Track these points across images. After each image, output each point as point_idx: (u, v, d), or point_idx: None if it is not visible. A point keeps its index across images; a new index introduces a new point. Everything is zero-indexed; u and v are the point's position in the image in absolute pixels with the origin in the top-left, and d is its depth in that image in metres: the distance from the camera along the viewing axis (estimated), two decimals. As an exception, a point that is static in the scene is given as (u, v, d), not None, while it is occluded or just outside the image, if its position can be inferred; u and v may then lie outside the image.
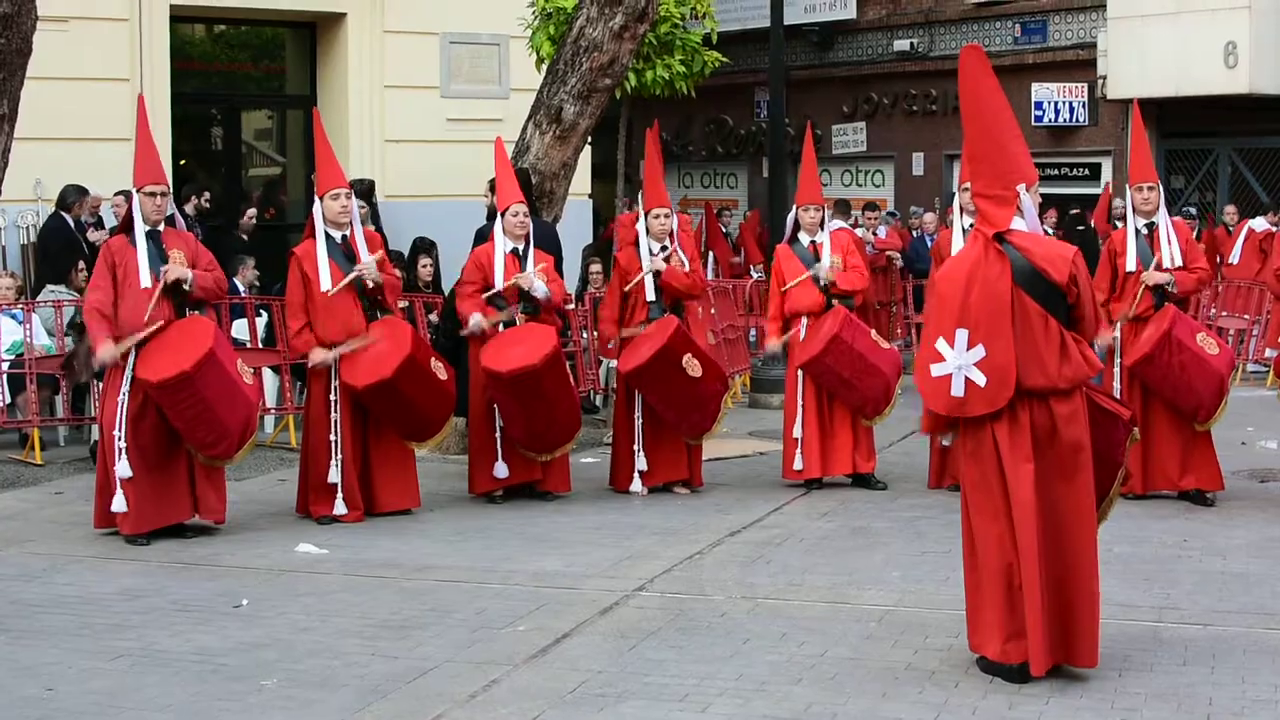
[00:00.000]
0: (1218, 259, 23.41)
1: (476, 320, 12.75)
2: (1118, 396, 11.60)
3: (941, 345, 7.92)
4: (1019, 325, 7.79)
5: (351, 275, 12.11)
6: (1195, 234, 24.23)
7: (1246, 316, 21.29)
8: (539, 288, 12.84)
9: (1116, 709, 7.59)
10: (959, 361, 7.86)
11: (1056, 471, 7.88)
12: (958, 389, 7.87)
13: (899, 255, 23.02)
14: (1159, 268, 12.53)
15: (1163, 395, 12.49)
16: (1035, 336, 7.80)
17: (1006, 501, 7.87)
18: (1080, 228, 24.88)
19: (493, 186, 13.82)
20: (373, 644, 8.74)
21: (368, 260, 12.19)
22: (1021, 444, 7.83)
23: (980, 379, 7.81)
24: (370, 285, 12.21)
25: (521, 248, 12.92)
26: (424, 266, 18.01)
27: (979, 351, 7.81)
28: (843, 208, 22.72)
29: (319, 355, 12.08)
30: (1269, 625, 9.06)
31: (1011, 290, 7.81)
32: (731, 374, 18.65)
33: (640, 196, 15.80)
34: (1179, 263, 12.57)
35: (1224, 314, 21.64)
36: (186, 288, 11.48)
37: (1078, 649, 8.00)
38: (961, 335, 7.84)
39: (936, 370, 7.95)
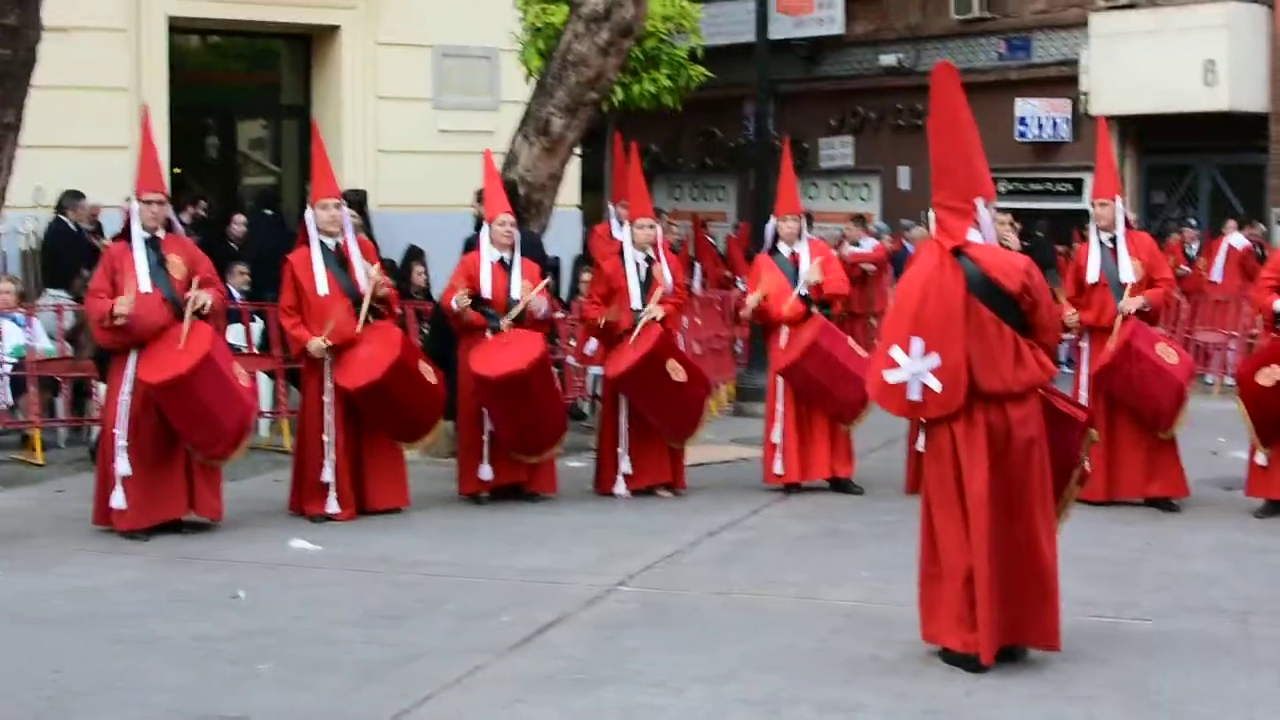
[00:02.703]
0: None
1: (458, 297, 13.12)
2: (1078, 400, 11.97)
3: (896, 352, 8.32)
4: (974, 333, 8.20)
5: (368, 295, 12.54)
6: (1196, 249, 24.72)
7: (1224, 331, 21.68)
8: (542, 309, 13.28)
9: (1069, 697, 7.97)
10: (915, 368, 8.26)
11: (1013, 470, 8.27)
12: (914, 394, 8.28)
13: (873, 267, 23.32)
14: (1126, 290, 12.94)
15: (1125, 403, 12.89)
16: (990, 343, 8.20)
17: (964, 499, 8.28)
18: (1028, 241, 25.30)
19: (480, 197, 14.23)
20: (364, 632, 9.14)
21: (374, 275, 12.62)
22: (977, 443, 8.23)
23: (936, 385, 8.22)
24: (383, 294, 12.68)
25: (508, 257, 13.33)
26: (418, 274, 18.37)
27: (934, 359, 8.21)
28: (860, 222, 23.27)
29: (316, 344, 12.47)
30: (1221, 622, 9.45)
31: (965, 299, 8.22)
32: (716, 383, 19.04)
33: (612, 207, 16.19)
34: (1136, 277, 12.97)
35: (1202, 328, 22.04)
36: (205, 312, 11.89)
37: (1041, 633, 8.40)
38: (917, 343, 8.25)
39: (891, 377, 8.35)
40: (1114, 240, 13.12)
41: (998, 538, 8.24)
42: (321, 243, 12.63)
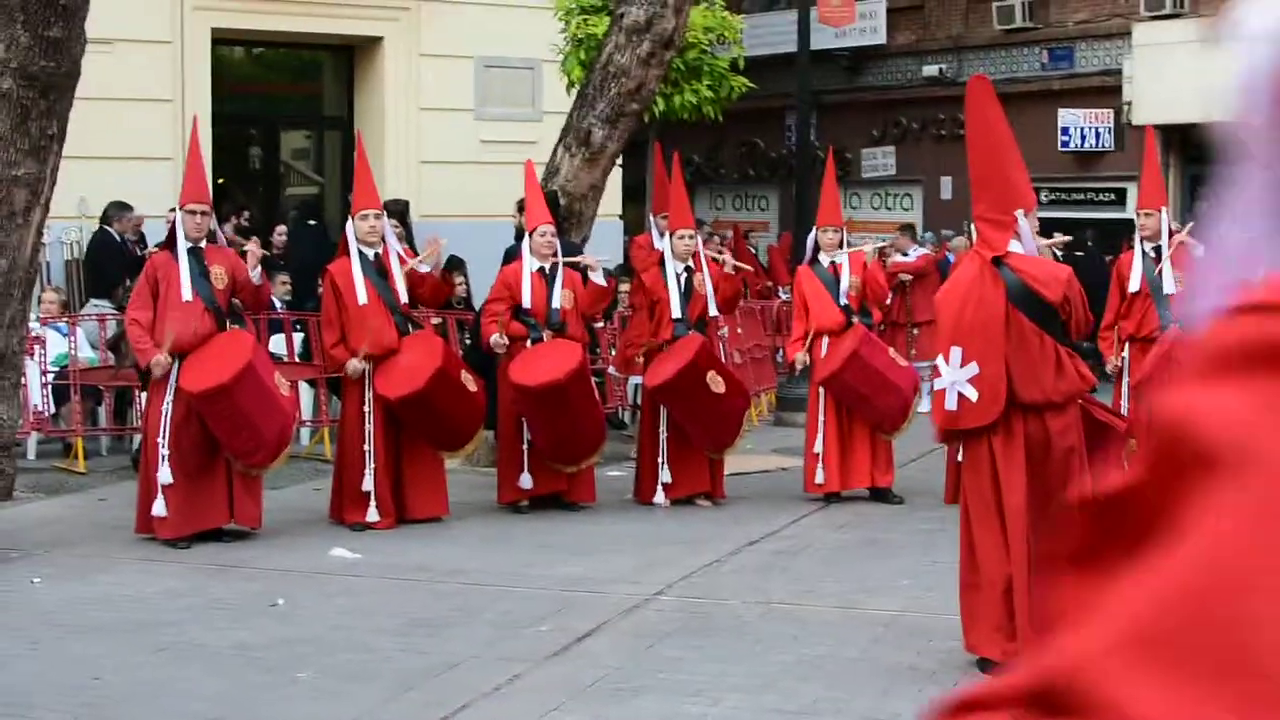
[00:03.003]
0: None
1: (495, 339, 13.20)
2: (1120, 412, 11.95)
3: (940, 362, 8.36)
4: (1015, 343, 8.20)
5: (410, 266, 12.68)
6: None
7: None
8: (599, 274, 13.34)
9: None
10: (953, 377, 8.28)
11: (1052, 480, 8.26)
12: (951, 403, 8.29)
13: (910, 277, 23.27)
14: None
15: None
16: (1031, 353, 8.20)
17: (1002, 510, 8.27)
18: (1080, 251, 25.31)
19: (521, 207, 14.28)
20: (403, 640, 9.17)
21: (414, 262, 12.78)
22: (1015, 455, 8.23)
23: (972, 394, 8.23)
24: (427, 270, 12.79)
25: (549, 267, 13.36)
26: (459, 284, 18.42)
27: (972, 368, 8.22)
28: (909, 231, 23.28)
29: (354, 365, 12.55)
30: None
31: (1006, 309, 8.22)
32: (756, 392, 19.05)
33: (652, 218, 16.21)
34: (1179, 288, 12.93)
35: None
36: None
37: None
38: (956, 352, 8.27)
39: (936, 385, 8.39)
40: (1158, 250, 13.09)
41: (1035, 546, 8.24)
42: (361, 253, 12.70)
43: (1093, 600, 1.47)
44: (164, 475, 11.70)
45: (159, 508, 11.73)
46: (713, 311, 13.92)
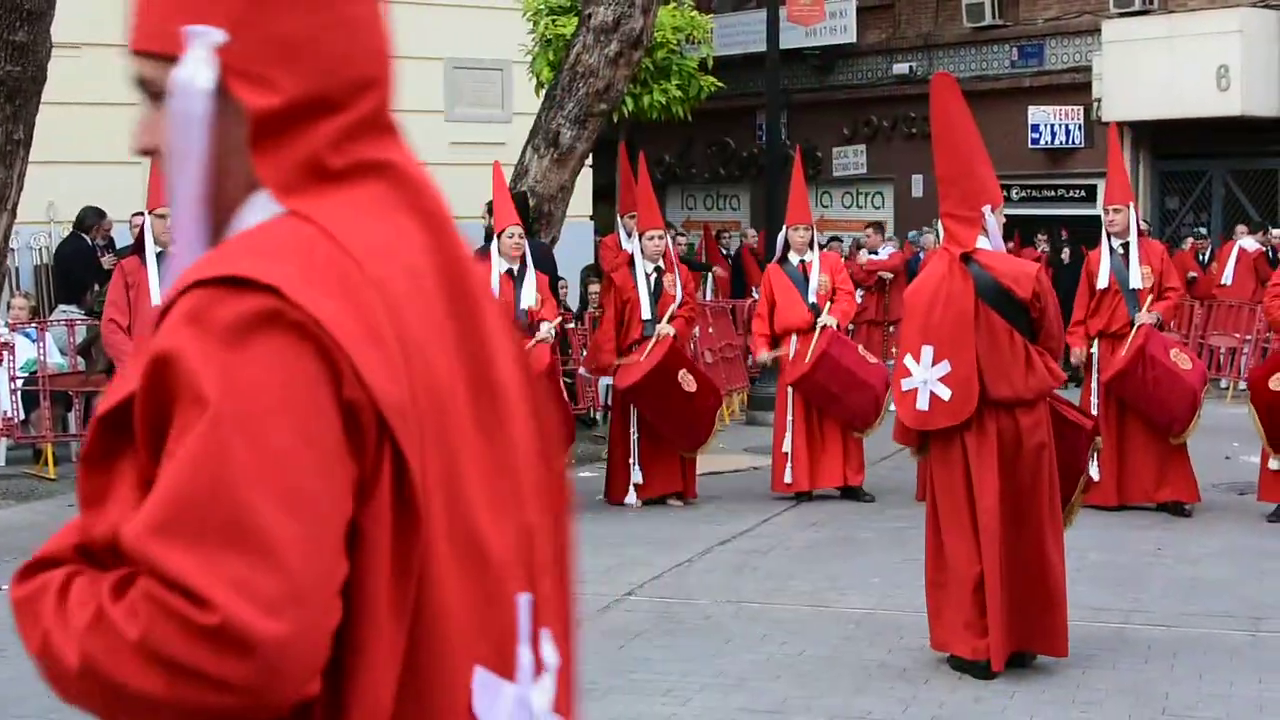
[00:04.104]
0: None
1: None
2: (1088, 410, 11.97)
3: (909, 361, 8.36)
4: (985, 340, 8.21)
5: None
6: (1208, 254, 24.75)
7: (1237, 335, 21.68)
8: (550, 335, 13.32)
9: (1077, 703, 7.99)
10: (924, 376, 8.29)
11: (1022, 477, 8.28)
12: (923, 403, 8.30)
13: (891, 275, 23.34)
14: (1138, 297, 12.96)
15: (1138, 410, 12.89)
16: (1002, 351, 8.22)
17: (973, 507, 8.28)
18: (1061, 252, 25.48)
19: (490, 208, 14.27)
20: (372, 644, 9.13)
21: None
22: (988, 453, 8.24)
23: (945, 393, 8.24)
24: None
25: (517, 269, 13.35)
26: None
27: (944, 367, 8.24)
28: (878, 228, 23.32)
29: None
30: (1230, 627, 9.46)
31: (975, 306, 8.23)
32: (728, 391, 19.05)
33: (620, 219, 16.21)
34: (1146, 284, 12.97)
35: (1215, 332, 22.05)
36: None
37: (1050, 641, 8.40)
38: (927, 351, 8.28)
39: (905, 385, 8.40)
40: (1125, 247, 13.12)
41: (1006, 545, 8.25)
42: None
43: (111, 493, 2.18)
44: (133, 481, 11.64)
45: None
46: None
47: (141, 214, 12.69)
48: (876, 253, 23.32)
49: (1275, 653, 8.90)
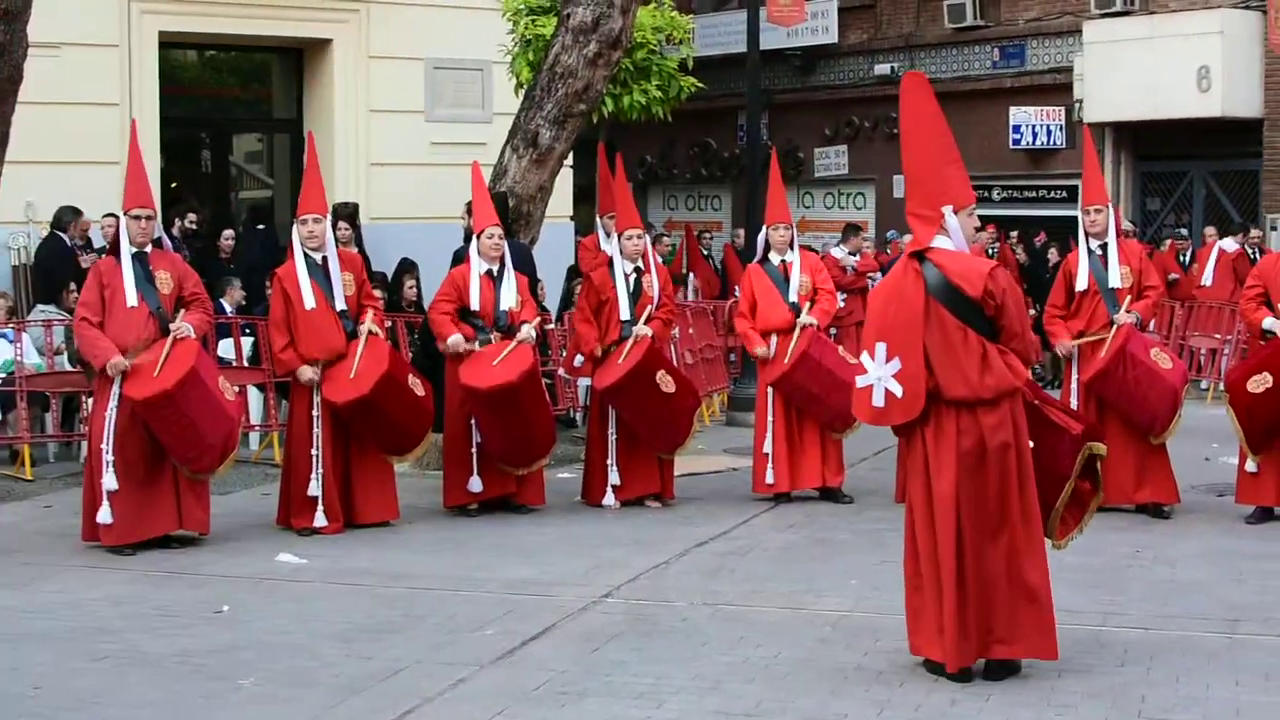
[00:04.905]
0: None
1: (455, 340, 13.12)
2: (1074, 410, 11.94)
3: (865, 358, 8.36)
4: (937, 338, 8.18)
5: (363, 338, 12.57)
6: (1189, 255, 24.76)
7: (1218, 336, 21.69)
8: (532, 336, 13.26)
9: (1053, 705, 7.96)
10: (879, 373, 8.28)
11: (989, 478, 8.22)
12: (878, 399, 8.29)
13: (879, 276, 23.27)
14: (1121, 305, 12.95)
15: (1118, 410, 12.87)
16: (955, 349, 8.18)
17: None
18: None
19: (469, 209, 14.23)
20: (348, 646, 9.11)
21: (371, 327, 12.63)
22: (946, 452, 8.20)
23: (898, 390, 8.22)
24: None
25: (496, 269, 13.32)
26: (409, 287, 18.36)
27: (896, 364, 8.22)
28: (852, 230, 23.28)
29: (307, 373, 12.50)
30: (1208, 629, 9.43)
31: (925, 304, 8.21)
32: (709, 392, 19.05)
33: (599, 219, 16.18)
34: (1125, 284, 12.97)
35: (1195, 333, 22.06)
36: (195, 336, 11.95)
37: (1036, 644, 8.36)
38: (881, 348, 8.28)
39: (860, 381, 8.39)
40: (1104, 247, 13.11)
41: (976, 546, 8.21)
42: (307, 256, 12.64)
43: None
44: (108, 482, 11.62)
45: (104, 515, 11.65)
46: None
47: (115, 215, 12.60)
48: (858, 254, 23.24)
49: (1252, 655, 8.88)
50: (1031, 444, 8.40)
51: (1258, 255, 22.97)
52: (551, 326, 17.98)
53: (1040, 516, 8.45)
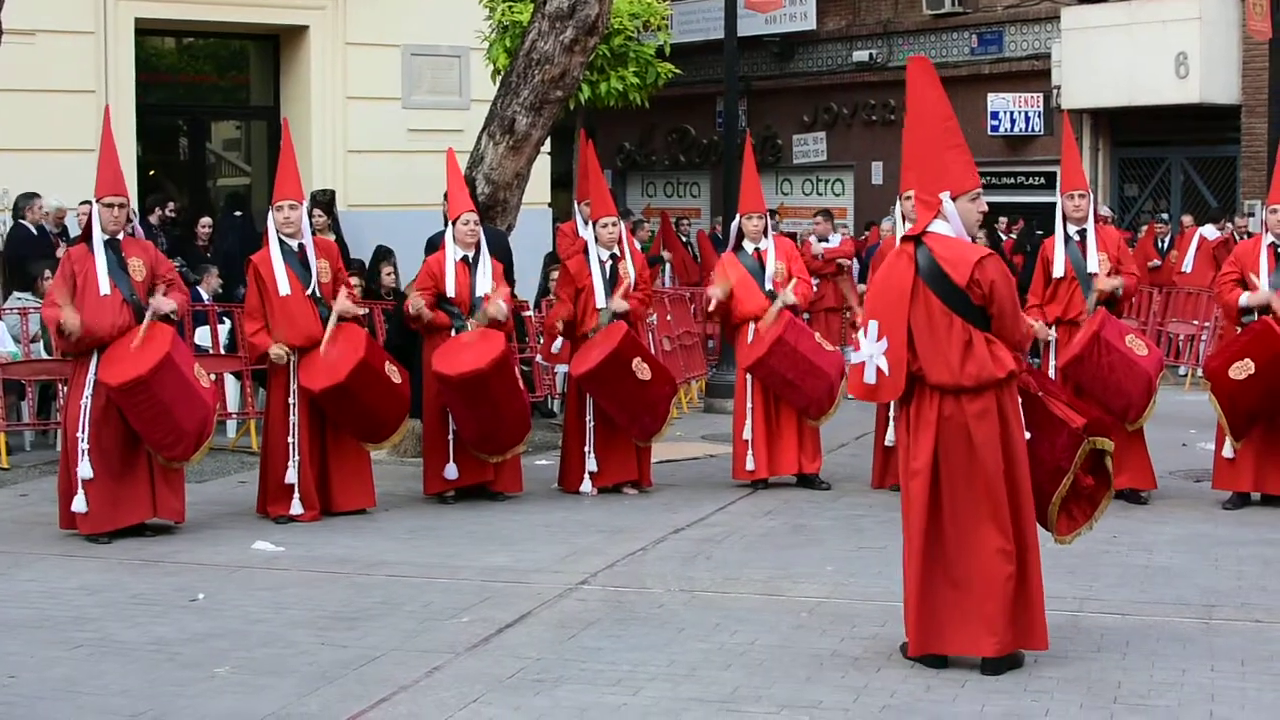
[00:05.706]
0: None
1: (413, 299, 13.08)
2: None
3: (860, 334, 8.41)
4: (924, 322, 8.21)
5: (334, 319, 12.52)
6: (1168, 241, 24.80)
7: (1196, 322, 21.72)
8: (502, 311, 13.22)
9: (1029, 691, 7.96)
10: (870, 350, 8.31)
11: (971, 467, 8.22)
12: (870, 376, 8.33)
13: (848, 262, 23.27)
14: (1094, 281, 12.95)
15: (1094, 395, 12.86)
16: (938, 333, 8.19)
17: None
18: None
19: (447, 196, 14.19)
20: (323, 634, 9.09)
21: (346, 305, 12.61)
22: (925, 437, 8.24)
23: (887, 368, 8.25)
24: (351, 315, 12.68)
25: (472, 255, 13.29)
26: (387, 274, 18.32)
27: (885, 342, 8.25)
28: (826, 216, 23.27)
29: (275, 350, 12.45)
30: (1184, 615, 9.44)
31: (913, 287, 8.23)
32: (686, 380, 19.04)
33: (577, 206, 16.15)
34: (1103, 270, 12.97)
35: (1174, 320, 22.10)
36: (174, 318, 11.93)
37: (1025, 634, 8.35)
38: (873, 326, 8.33)
39: (854, 357, 8.46)
40: (1082, 234, 13.11)
41: (962, 533, 8.21)
42: (283, 243, 12.59)
43: None
44: (84, 470, 11.59)
45: (79, 503, 11.62)
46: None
47: (89, 202, 12.55)
48: (828, 240, 23.22)
49: (1228, 641, 8.88)
50: (1029, 435, 8.40)
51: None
52: (529, 314, 17.95)
53: (1034, 508, 8.44)
